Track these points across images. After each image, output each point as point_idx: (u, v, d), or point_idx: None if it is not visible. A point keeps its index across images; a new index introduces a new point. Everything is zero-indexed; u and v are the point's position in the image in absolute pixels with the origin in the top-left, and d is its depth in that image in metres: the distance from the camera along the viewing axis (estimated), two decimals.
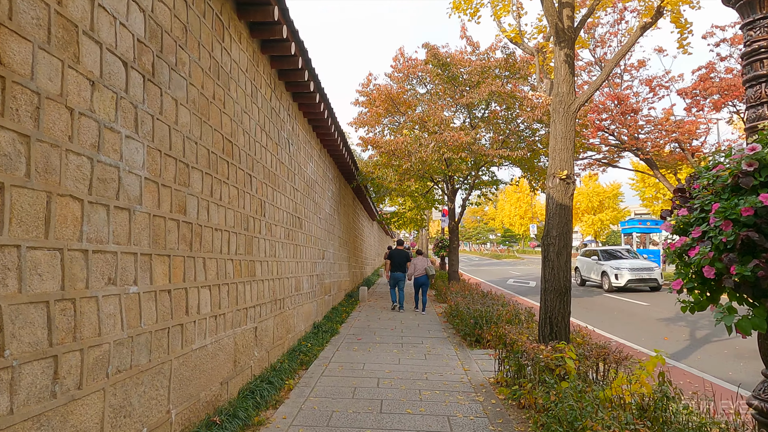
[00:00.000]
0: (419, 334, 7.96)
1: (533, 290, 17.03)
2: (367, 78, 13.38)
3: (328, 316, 9.24)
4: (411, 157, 11.17)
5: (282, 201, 6.21)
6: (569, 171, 4.43)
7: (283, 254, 6.13)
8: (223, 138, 4.20)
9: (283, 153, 6.41)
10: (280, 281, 5.96)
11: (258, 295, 4.99)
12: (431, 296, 14.32)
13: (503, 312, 7.19)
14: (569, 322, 4.39)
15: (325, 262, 9.62)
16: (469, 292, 10.64)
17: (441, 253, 19.98)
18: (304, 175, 7.74)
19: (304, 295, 7.43)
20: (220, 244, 4.01)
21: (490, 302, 8.42)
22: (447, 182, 14.21)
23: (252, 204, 4.94)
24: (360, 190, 15.48)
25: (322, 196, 9.49)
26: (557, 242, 4.36)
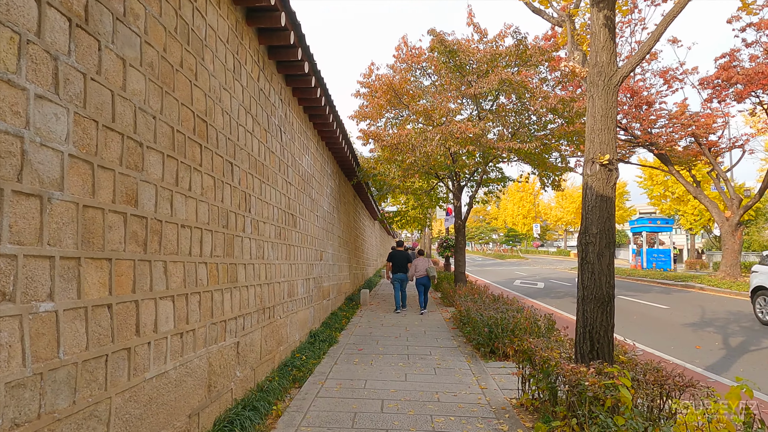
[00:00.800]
0: (426, 343, 7.23)
1: (542, 292, 16.28)
2: (369, 68, 12.62)
3: (327, 322, 8.50)
4: (415, 151, 10.43)
5: (272, 195, 5.48)
6: (611, 155, 3.69)
7: (273, 256, 5.40)
8: (195, 116, 3.47)
9: (274, 141, 5.68)
10: (270, 287, 5.22)
11: (241, 303, 4.26)
12: (437, 299, 13.58)
13: (520, 319, 6.44)
14: (613, 337, 3.64)
15: (324, 263, 8.89)
16: (478, 295, 9.89)
17: (446, 254, 19.24)
18: (299, 168, 7.01)
19: (299, 301, 6.70)
20: (189, 245, 3.28)
21: (503, 307, 7.68)
22: (453, 179, 13.46)
23: (234, 197, 4.20)
24: (361, 187, 14.75)
25: (319, 192, 8.76)
26: (598, 241, 3.62)
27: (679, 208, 32.98)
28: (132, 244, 2.58)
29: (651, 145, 16.60)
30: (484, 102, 12.40)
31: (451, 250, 19.05)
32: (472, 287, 11.99)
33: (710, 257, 32.52)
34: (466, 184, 13.92)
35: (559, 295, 15.20)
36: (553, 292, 16.14)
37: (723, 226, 17.05)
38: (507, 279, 22.40)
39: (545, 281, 20.79)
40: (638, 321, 10.09)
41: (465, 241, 13.46)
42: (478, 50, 11.22)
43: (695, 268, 29.07)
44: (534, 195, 65.29)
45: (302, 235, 7.02)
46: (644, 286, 17.83)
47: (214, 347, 3.61)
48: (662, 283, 18.55)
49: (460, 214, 13.51)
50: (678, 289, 16.82)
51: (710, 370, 6.21)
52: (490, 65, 10.85)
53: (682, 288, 16.96)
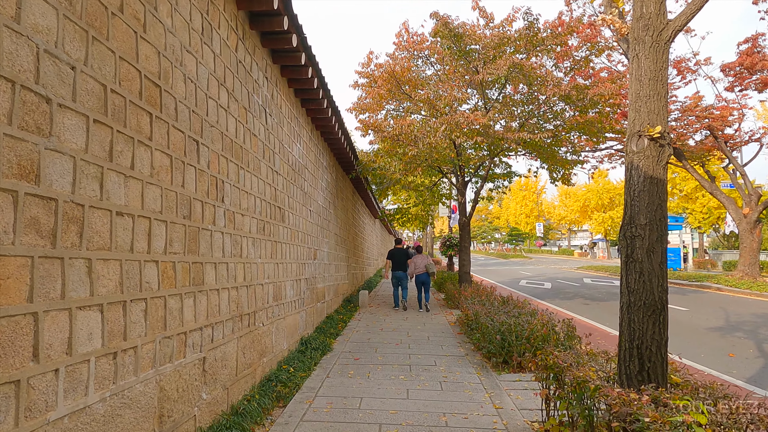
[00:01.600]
0: (431, 351, 6.51)
1: (550, 293, 15.54)
2: (368, 57, 11.90)
3: (321, 327, 7.79)
4: (418, 143, 9.71)
5: (254, 184, 4.76)
6: (663, 127, 2.97)
7: (255, 253, 4.68)
8: (143, 77, 2.76)
9: (257, 124, 4.97)
10: (250, 289, 4.51)
11: (209, 311, 3.54)
12: (440, 301, 12.86)
13: (536, 325, 5.72)
14: (667, 354, 2.92)
15: (318, 263, 8.18)
16: (486, 297, 9.17)
17: (449, 253, 18.51)
18: (288, 156, 6.29)
19: (288, 305, 5.98)
20: (131, 238, 2.57)
21: (515, 311, 6.96)
22: (457, 173, 12.74)
23: (200, 183, 3.49)
24: (360, 183, 14.04)
25: (313, 185, 8.05)
26: (647, 234, 2.90)
27: (686, 206, 32.20)
28: (28, 235, 1.87)
29: None
30: (491, 92, 11.68)
31: (454, 249, 18.33)
32: (477, 288, 11.28)
33: (718, 257, 31.74)
34: (470, 179, 13.19)
35: (569, 296, 14.46)
36: (561, 293, 15.40)
37: (741, 224, 16.28)
38: (512, 279, 21.66)
39: (552, 281, 20.05)
40: None
41: (470, 239, 12.73)
42: (484, 36, 10.50)
43: (705, 267, 28.26)
44: (537, 194, 64.52)
45: (292, 231, 6.30)
46: None
47: (167, 367, 2.89)
48: (676, 283, 17.79)
49: (464, 211, 12.79)
50: (693, 289, 16.06)
51: (753, 383, 5.48)
52: (497, 51, 10.12)
53: (698, 288, 16.20)
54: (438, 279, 15.87)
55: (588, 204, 47.56)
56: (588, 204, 47.56)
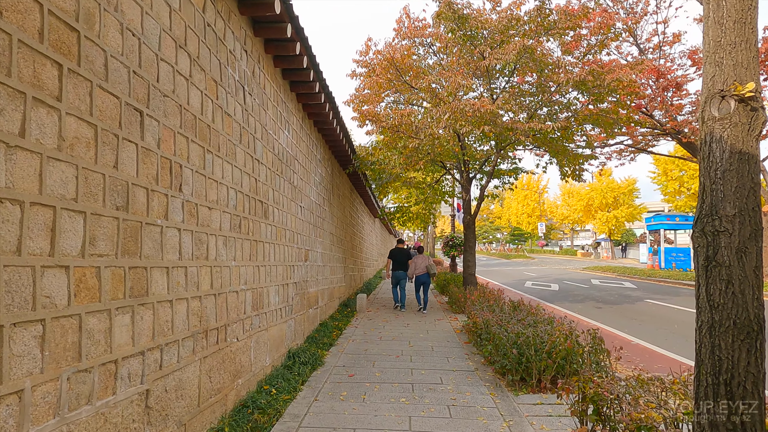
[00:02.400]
0: (435, 365, 5.74)
1: (559, 295, 14.77)
2: (366, 44, 11.14)
3: (313, 337, 7.02)
4: (419, 134, 8.95)
5: (227, 173, 4.00)
6: (756, 86, 2.20)
7: (227, 255, 3.92)
8: (46, 12, 2.00)
9: (232, 102, 4.21)
10: (220, 298, 3.75)
11: (157, 328, 2.78)
12: (443, 305, 12.09)
13: (559, 338, 4.95)
14: (764, 390, 2.15)
15: (310, 265, 7.41)
16: (494, 301, 8.41)
17: (452, 253, 17.74)
18: (273, 144, 5.53)
19: (272, 314, 5.21)
20: (18, 234, 1.81)
21: (529, 319, 6.20)
22: (461, 169, 11.97)
23: (146, 165, 2.73)
24: (359, 180, 13.29)
25: (305, 179, 7.29)
26: (737, 228, 2.15)
27: (694, 204, 31.40)
28: None
29: (678, 134, 15.07)
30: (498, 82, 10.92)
31: (457, 249, 17.56)
32: (483, 291, 10.52)
33: None
34: (475, 175, 12.43)
35: (578, 299, 13.69)
36: (570, 295, 14.63)
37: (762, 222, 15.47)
38: (516, 280, 20.90)
39: (558, 282, 19.28)
40: (680, 330, 8.59)
41: (475, 239, 11.96)
42: (490, 20, 9.73)
43: None
44: (539, 193, 63.75)
45: (278, 229, 5.54)
46: (670, 289, 16.30)
47: (83, 412, 2.13)
48: (690, 285, 17.02)
49: (469, 208, 12.02)
50: None
51: None
52: (504, 35, 9.35)
53: None
54: (440, 281, 15.11)
55: (592, 203, 46.77)
56: (592, 203, 46.77)
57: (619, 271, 23.43)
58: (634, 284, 18.25)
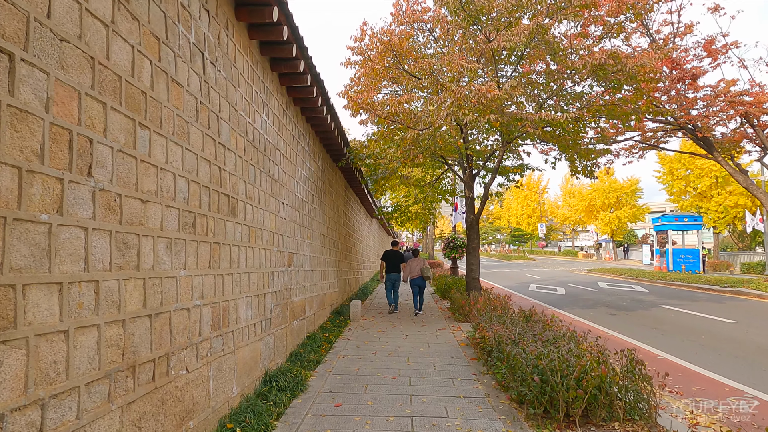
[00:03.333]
0: (439, 389, 4.86)
1: (567, 300, 13.90)
2: (361, 29, 10.24)
3: (298, 353, 6.13)
4: (419, 123, 8.07)
5: (174, 156, 3.12)
6: None
7: (171, 262, 3.03)
8: None
9: (184, 69, 3.33)
10: (159, 320, 2.86)
11: (36, 375, 1.90)
12: (445, 311, 11.20)
13: (589, 362, 4.07)
14: None
15: (295, 270, 6.53)
16: (503, 310, 7.54)
17: (453, 255, 16.85)
18: (246, 128, 4.66)
19: (243, 332, 4.33)
20: None
21: (549, 334, 5.33)
22: (464, 164, 11.10)
23: (20, 132, 1.85)
24: (354, 177, 12.41)
25: (290, 172, 6.41)
26: None
27: (701, 204, 30.61)
28: None
29: (693, 128, 14.22)
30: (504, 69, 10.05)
31: (458, 251, 16.69)
32: (488, 297, 9.67)
33: (733, 258, 30.16)
34: (478, 172, 11.55)
35: (589, 304, 12.82)
36: (579, 300, 13.76)
37: None
38: (520, 283, 20.03)
39: (564, 286, 18.42)
40: (710, 343, 7.72)
41: (479, 240, 11.08)
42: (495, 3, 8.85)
43: (720, 270, 26.67)
44: (539, 193, 62.92)
45: (251, 229, 4.65)
46: (685, 293, 15.44)
47: None
48: (705, 289, 16.15)
49: (472, 207, 11.14)
50: (728, 296, 14.42)
51: None
52: (512, 16, 8.48)
53: (733, 295, 14.55)
54: (441, 285, 14.24)
55: (594, 203, 45.95)
56: (594, 203, 45.95)
57: (626, 273, 22.57)
58: (645, 288, 17.38)
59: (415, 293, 10.64)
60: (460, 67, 7.58)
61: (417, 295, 10.61)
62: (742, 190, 27.98)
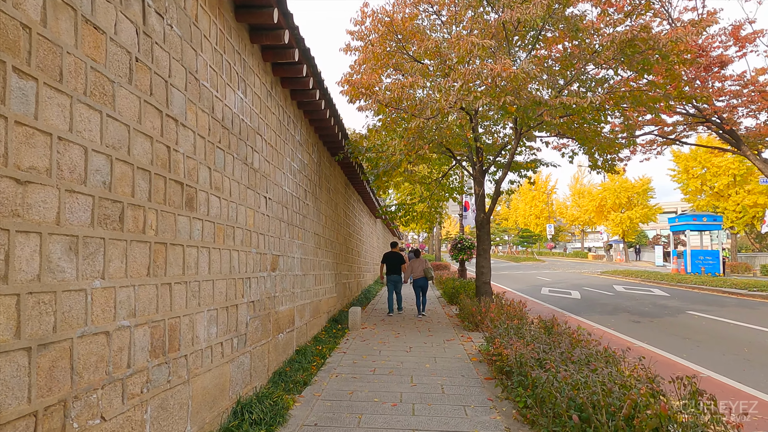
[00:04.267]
0: (449, 421, 3.98)
1: (583, 306, 12.94)
2: (361, 10, 9.38)
3: (283, 372, 5.26)
4: (425, 110, 7.20)
5: (81, 122, 2.27)
6: None
7: (77, 270, 2.18)
8: None
9: (110, 11, 2.48)
10: (48, 354, 2.00)
11: None
12: (453, 318, 10.30)
13: (643, 396, 3.17)
14: None
15: (281, 275, 5.67)
16: (519, 320, 6.66)
17: (460, 257, 15.94)
18: (213, 103, 3.81)
19: (202, 355, 3.46)
20: None
21: (579, 352, 4.44)
22: (473, 159, 10.21)
23: None
24: (355, 174, 11.56)
25: (276, 162, 5.57)
26: None
27: (717, 204, 29.46)
28: None
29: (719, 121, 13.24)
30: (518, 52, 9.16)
31: (466, 252, 15.78)
32: (501, 303, 8.78)
33: (752, 259, 29.02)
34: (488, 167, 10.66)
35: (608, 310, 11.87)
36: (597, 306, 12.80)
37: None
38: (531, 286, 19.07)
39: (578, 289, 17.44)
40: (757, 357, 6.77)
41: (490, 241, 10.18)
42: None
43: (740, 272, 25.54)
44: (547, 194, 61.77)
45: (216, 226, 3.80)
46: (710, 297, 14.43)
47: None
48: (732, 293, 15.12)
49: (483, 205, 10.25)
50: (760, 301, 13.39)
51: None
52: None
53: (765, 300, 13.53)
54: (448, 288, 13.34)
55: (604, 203, 44.80)
56: (604, 203, 44.80)
57: (642, 275, 21.52)
58: (665, 291, 16.38)
59: (417, 294, 10.56)
60: (470, 45, 6.70)
61: (420, 296, 10.53)
62: (762, 188, 26.85)
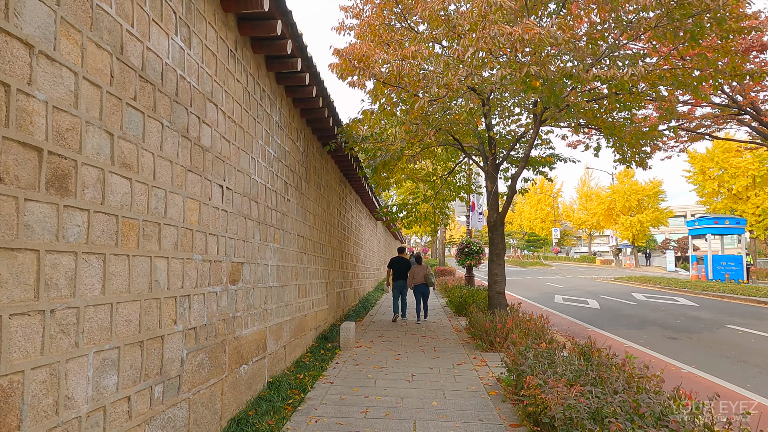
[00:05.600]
0: None
1: (605, 317, 11.62)
2: None
3: (242, 419, 3.98)
4: (431, 86, 5.95)
5: None
6: None
7: None
8: None
9: None
10: None
11: None
12: (461, 333, 8.98)
13: None
14: None
15: (245, 288, 4.41)
16: (547, 343, 5.38)
17: (468, 262, 14.64)
18: (120, 39, 2.56)
19: (78, 425, 2.20)
20: None
21: (645, 399, 3.17)
22: (485, 151, 8.96)
23: None
24: (352, 170, 10.33)
25: (240, 143, 4.32)
26: None
27: (735, 206, 28.07)
28: None
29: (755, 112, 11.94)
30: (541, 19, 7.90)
31: (474, 257, 14.49)
32: (517, 317, 7.53)
33: None
34: (502, 161, 9.40)
35: (634, 323, 10.55)
36: (620, 317, 11.49)
37: None
38: (542, 294, 17.76)
39: (594, 297, 16.12)
40: None
41: (504, 244, 8.92)
42: None
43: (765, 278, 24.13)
44: (553, 197, 60.40)
45: (125, 222, 2.55)
46: (745, 309, 13.08)
47: None
48: (762, 302, 13.77)
49: (496, 204, 8.98)
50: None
51: None
52: None
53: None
54: (455, 297, 12.05)
55: (613, 206, 43.41)
56: (613, 206, 43.41)
57: (661, 282, 20.15)
58: (691, 301, 15.03)
59: (418, 300, 10.40)
60: (485, 5, 5.45)
61: (420, 302, 10.40)
62: None
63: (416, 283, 10.37)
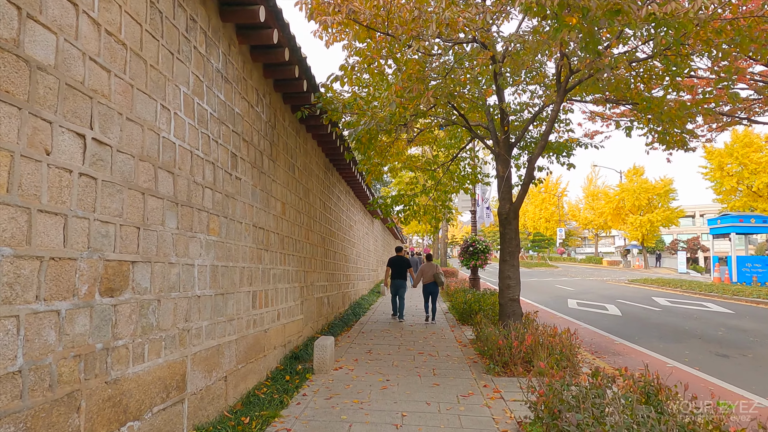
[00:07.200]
0: None
1: (632, 327, 10.07)
2: None
3: None
4: (430, 24, 4.43)
5: None
6: None
7: None
8: None
9: None
10: None
11: None
12: (467, 348, 7.42)
13: None
14: None
15: (136, 302, 2.89)
16: (593, 376, 3.86)
17: (473, 262, 13.10)
18: None
19: None
20: None
21: None
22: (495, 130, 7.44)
23: None
24: (342, 157, 8.83)
25: (144, 84, 2.80)
26: None
27: (754, 205, 26.44)
28: None
29: None
30: None
31: (480, 257, 12.95)
32: (537, 331, 6.05)
33: None
34: (518, 140, 7.87)
35: (670, 335, 9.01)
36: (650, 327, 9.95)
37: None
38: (553, 298, 16.20)
39: (611, 302, 14.57)
40: None
41: (518, 241, 7.39)
42: None
43: None
44: (558, 197, 58.81)
45: None
46: None
47: None
48: None
49: (509, 193, 7.44)
50: None
51: None
52: None
53: None
54: (459, 303, 10.53)
55: (622, 206, 41.79)
56: (622, 206, 41.79)
57: (683, 286, 18.57)
58: (724, 307, 13.46)
59: (426, 300, 10.27)
60: None
61: (429, 302, 10.21)
62: None
63: (426, 282, 10.19)
